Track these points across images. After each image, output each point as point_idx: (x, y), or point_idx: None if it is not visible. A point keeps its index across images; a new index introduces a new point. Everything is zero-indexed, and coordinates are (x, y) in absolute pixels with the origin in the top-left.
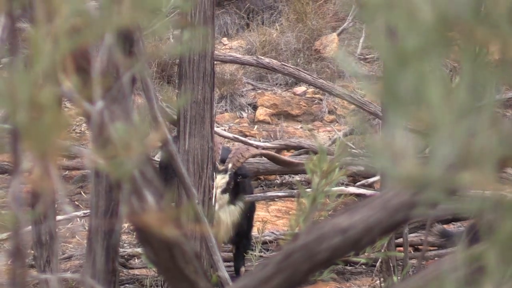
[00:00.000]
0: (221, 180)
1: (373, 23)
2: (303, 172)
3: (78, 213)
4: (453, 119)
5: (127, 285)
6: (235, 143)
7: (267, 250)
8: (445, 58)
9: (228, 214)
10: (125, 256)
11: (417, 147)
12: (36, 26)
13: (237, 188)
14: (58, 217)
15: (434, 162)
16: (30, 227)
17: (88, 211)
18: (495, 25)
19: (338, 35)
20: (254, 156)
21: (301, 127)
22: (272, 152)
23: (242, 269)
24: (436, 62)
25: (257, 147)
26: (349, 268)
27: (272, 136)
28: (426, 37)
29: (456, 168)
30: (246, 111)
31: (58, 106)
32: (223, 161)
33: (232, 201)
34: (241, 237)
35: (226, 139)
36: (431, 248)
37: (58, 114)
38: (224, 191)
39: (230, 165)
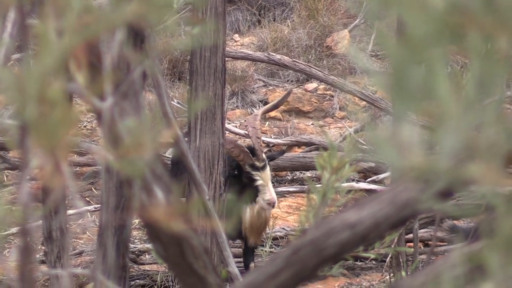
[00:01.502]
0: (268, 173)
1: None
2: (314, 168)
3: (89, 208)
4: (460, 111)
5: (137, 280)
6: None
7: (278, 246)
8: (454, 52)
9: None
10: (136, 252)
11: (424, 141)
12: (45, 21)
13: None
14: (69, 212)
15: (440, 154)
16: (40, 222)
17: (99, 206)
18: (504, 17)
19: (350, 31)
20: (260, 115)
21: (312, 124)
22: (268, 106)
23: (252, 265)
24: (444, 53)
25: (268, 144)
26: (359, 263)
27: (283, 132)
28: (435, 25)
29: (463, 161)
30: (258, 107)
31: (68, 102)
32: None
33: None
34: None
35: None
36: (441, 243)
37: (68, 110)
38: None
39: (263, 155)
